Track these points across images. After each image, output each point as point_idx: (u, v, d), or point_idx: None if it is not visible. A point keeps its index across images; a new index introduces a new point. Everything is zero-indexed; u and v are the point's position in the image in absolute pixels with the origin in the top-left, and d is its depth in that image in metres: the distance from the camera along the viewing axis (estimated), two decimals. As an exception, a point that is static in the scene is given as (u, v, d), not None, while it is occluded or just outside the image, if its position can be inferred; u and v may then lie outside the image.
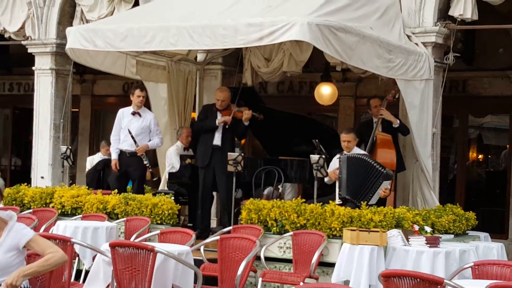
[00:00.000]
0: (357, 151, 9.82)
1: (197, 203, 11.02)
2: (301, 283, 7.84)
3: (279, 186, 11.22)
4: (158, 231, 8.11)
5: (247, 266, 7.22)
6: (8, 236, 5.15)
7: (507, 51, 14.36)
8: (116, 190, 10.37)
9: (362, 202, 9.00)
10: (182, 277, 6.69)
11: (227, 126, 10.69)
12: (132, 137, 10.69)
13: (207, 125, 10.79)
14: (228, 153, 10.23)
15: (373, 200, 9.33)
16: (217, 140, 10.70)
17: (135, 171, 10.91)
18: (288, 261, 8.71)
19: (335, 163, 9.87)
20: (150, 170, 11.12)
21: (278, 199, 9.31)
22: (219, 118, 10.66)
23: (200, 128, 11.05)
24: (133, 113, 10.89)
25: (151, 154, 14.39)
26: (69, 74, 12.73)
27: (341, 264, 8.02)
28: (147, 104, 12.80)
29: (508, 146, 14.97)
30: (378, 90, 12.53)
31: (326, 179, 9.93)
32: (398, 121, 10.36)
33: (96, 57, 11.21)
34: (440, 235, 8.69)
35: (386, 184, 9.36)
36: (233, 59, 12.73)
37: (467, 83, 14.76)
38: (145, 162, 10.84)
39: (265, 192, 11.66)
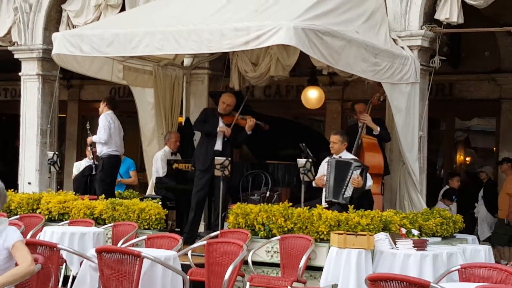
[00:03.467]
0: (347, 155, 9.80)
1: (184, 208, 10.98)
2: (289, 287, 7.83)
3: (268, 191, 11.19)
4: (145, 236, 8.09)
5: (234, 271, 7.22)
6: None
7: (493, 54, 14.43)
8: (103, 196, 10.35)
9: (340, 197, 9.17)
10: (170, 282, 6.69)
11: (225, 139, 10.64)
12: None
13: (207, 129, 10.73)
14: (215, 158, 10.21)
15: (348, 192, 9.35)
16: (218, 145, 10.64)
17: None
18: (276, 265, 8.70)
19: (323, 166, 9.87)
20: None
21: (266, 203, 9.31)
22: (221, 126, 10.60)
23: (199, 129, 11.05)
24: None
25: (139, 159, 14.38)
26: (55, 80, 12.71)
27: (328, 268, 8.01)
28: (133, 109, 12.81)
29: (494, 148, 15.02)
30: (365, 93, 12.55)
31: (314, 184, 9.94)
32: (379, 129, 10.37)
33: (83, 62, 11.21)
34: (428, 238, 8.70)
35: (356, 173, 9.39)
36: (220, 64, 12.72)
37: (454, 86, 14.83)
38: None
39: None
